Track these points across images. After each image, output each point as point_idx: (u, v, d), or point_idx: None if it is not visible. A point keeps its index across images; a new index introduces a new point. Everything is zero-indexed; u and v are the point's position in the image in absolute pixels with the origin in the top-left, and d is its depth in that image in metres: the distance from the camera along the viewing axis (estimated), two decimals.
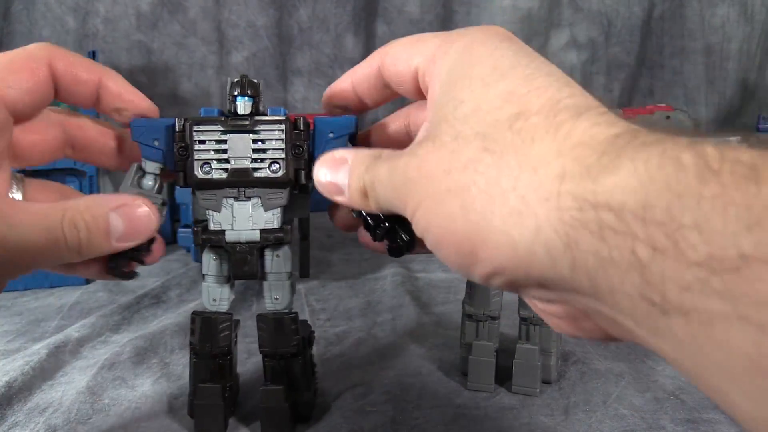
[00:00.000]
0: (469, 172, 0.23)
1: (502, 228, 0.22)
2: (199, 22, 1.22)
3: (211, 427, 0.38)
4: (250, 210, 0.34)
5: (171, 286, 0.70)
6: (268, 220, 0.34)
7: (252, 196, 0.34)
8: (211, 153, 0.33)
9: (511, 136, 0.23)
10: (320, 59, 1.29)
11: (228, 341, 0.38)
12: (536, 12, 1.34)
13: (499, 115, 0.24)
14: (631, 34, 1.34)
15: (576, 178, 0.20)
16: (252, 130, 0.33)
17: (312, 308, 0.64)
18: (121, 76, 0.35)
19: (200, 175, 0.33)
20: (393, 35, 1.31)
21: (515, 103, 0.24)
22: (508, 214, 0.22)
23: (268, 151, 0.33)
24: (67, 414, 0.42)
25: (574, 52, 1.36)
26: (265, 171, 0.33)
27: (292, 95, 1.29)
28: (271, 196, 0.34)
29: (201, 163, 0.33)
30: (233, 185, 0.34)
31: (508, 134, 0.23)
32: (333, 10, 1.27)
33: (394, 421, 0.40)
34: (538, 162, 0.22)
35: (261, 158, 0.33)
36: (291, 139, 0.33)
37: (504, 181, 0.22)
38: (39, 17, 1.15)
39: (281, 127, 0.33)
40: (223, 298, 0.37)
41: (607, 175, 0.19)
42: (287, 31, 1.27)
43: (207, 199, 0.34)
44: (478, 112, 0.24)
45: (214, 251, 0.37)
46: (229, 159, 0.33)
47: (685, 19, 1.32)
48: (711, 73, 1.33)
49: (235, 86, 0.34)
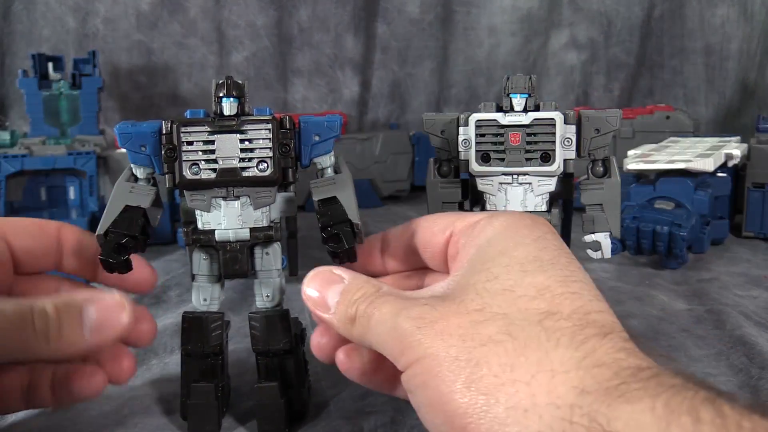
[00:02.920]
0: (486, 350, 0.23)
1: (502, 419, 0.21)
2: (199, 22, 1.22)
3: (204, 426, 0.38)
4: (239, 209, 0.34)
5: (171, 286, 0.70)
6: (257, 218, 0.35)
7: (241, 195, 0.34)
8: (199, 154, 0.33)
9: (537, 332, 0.23)
10: (320, 59, 1.29)
11: (219, 340, 0.38)
12: (536, 12, 1.33)
13: (530, 305, 0.24)
14: (631, 34, 1.34)
15: (592, 396, 0.20)
16: (239, 130, 0.33)
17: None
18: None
19: (189, 175, 0.33)
20: (393, 35, 1.32)
21: (548, 300, 0.24)
22: (513, 407, 0.21)
23: (256, 150, 0.33)
24: (66, 411, 0.42)
25: (574, 52, 1.36)
26: (253, 170, 0.33)
27: (292, 95, 1.29)
28: (259, 195, 0.34)
29: (189, 164, 0.33)
30: (222, 185, 0.34)
31: (535, 328, 0.23)
32: (333, 10, 1.27)
33: (393, 421, 0.40)
34: (558, 366, 0.22)
35: (249, 157, 0.33)
36: (278, 138, 0.34)
37: (519, 373, 0.22)
38: (39, 17, 1.15)
39: (268, 126, 0.33)
40: (214, 298, 0.38)
41: (625, 405, 0.19)
42: (287, 31, 1.27)
43: (196, 200, 0.34)
44: (510, 294, 0.24)
45: (204, 251, 0.37)
46: (217, 159, 0.33)
47: (685, 19, 1.32)
48: (711, 73, 1.33)
49: (220, 88, 0.34)
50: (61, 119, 0.88)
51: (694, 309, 0.58)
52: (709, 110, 1.33)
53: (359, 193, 0.36)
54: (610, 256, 0.42)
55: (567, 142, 0.39)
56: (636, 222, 0.68)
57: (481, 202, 0.42)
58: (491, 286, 0.25)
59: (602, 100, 1.37)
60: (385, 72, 1.33)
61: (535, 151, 0.39)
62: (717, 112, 1.33)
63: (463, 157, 0.41)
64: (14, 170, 0.76)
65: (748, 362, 0.46)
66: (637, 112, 1.06)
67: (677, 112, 1.06)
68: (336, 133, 0.35)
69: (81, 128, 0.88)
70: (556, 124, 0.39)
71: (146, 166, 0.35)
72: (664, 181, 0.74)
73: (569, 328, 0.23)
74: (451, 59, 1.35)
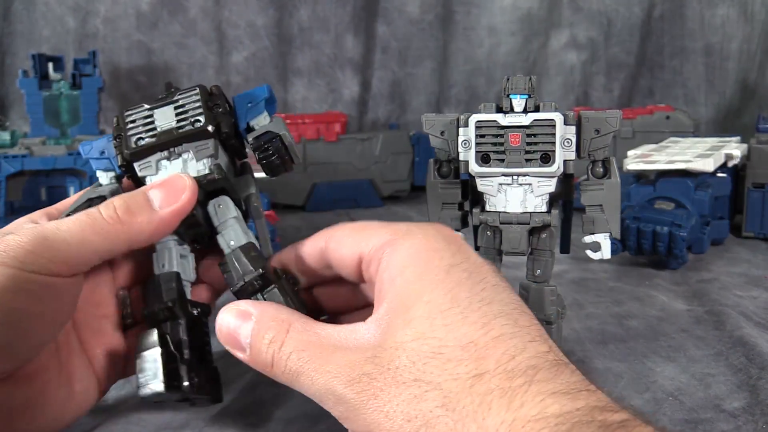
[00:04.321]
0: (427, 429, 0.24)
1: None
2: (199, 22, 1.22)
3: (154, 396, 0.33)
4: (181, 165, 0.37)
5: None
6: (200, 169, 0.36)
7: (183, 152, 0.37)
8: (140, 128, 0.36)
9: (470, 400, 0.24)
10: (320, 59, 1.29)
11: (173, 296, 0.35)
12: (536, 12, 1.33)
13: (460, 371, 0.25)
14: (631, 34, 1.34)
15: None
16: (172, 101, 0.37)
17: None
18: None
19: (133, 145, 0.36)
20: (393, 35, 1.32)
21: (475, 359, 0.25)
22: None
23: (189, 111, 0.36)
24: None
25: (574, 52, 1.36)
26: (189, 127, 0.36)
27: (292, 95, 1.29)
28: (200, 148, 0.36)
29: (134, 138, 0.36)
30: (163, 147, 0.36)
31: (468, 398, 0.24)
32: (333, 10, 1.27)
33: None
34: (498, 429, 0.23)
35: (183, 118, 0.36)
36: (207, 101, 0.37)
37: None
38: (39, 17, 1.16)
39: (196, 92, 0.37)
40: (172, 260, 0.37)
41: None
42: (287, 31, 1.27)
43: (144, 167, 0.37)
44: (439, 358, 0.25)
45: None
46: (156, 128, 0.36)
47: (685, 19, 1.32)
48: (711, 73, 1.33)
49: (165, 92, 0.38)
50: (61, 119, 0.88)
51: (694, 309, 0.58)
52: (709, 110, 1.33)
53: (360, 193, 0.37)
54: (609, 257, 0.42)
55: (567, 142, 0.39)
56: (636, 222, 0.68)
57: (481, 203, 0.42)
58: (419, 347, 0.26)
59: (602, 100, 1.37)
60: (385, 72, 1.33)
61: (535, 151, 0.39)
62: (717, 112, 1.33)
63: (463, 158, 0.41)
64: (14, 170, 0.76)
65: (747, 362, 0.46)
66: (637, 112, 1.06)
67: (677, 112, 1.06)
68: (265, 95, 0.38)
69: (81, 128, 0.88)
70: (556, 125, 0.39)
71: (108, 170, 0.38)
72: (664, 181, 0.74)
73: (497, 388, 0.24)
74: (451, 59, 1.35)
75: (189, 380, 0.34)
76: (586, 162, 0.42)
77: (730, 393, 0.43)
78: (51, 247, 0.30)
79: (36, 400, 0.32)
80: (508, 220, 0.41)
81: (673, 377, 0.46)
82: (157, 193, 0.34)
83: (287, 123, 0.40)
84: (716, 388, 0.43)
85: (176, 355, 0.34)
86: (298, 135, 1.05)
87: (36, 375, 0.32)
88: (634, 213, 0.70)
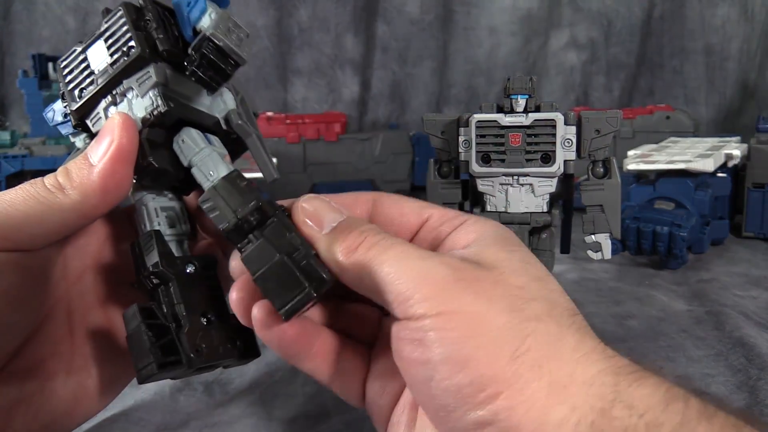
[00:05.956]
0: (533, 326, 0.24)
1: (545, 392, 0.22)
2: None
3: (140, 363, 0.28)
4: (127, 107, 0.32)
5: None
6: (147, 105, 0.31)
7: (125, 91, 0.32)
8: (78, 76, 0.32)
9: (570, 321, 0.25)
10: (320, 59, 1.29)
11: (154, 259, 0.30)
12: (536, 12, 1.34)
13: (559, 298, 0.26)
14: (631, 34, 1.34)
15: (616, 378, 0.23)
16: (100, 33, 0.32)
17: None
18: None
19: (76, 100, 0.32)
20: (393, 35, 1.32)
21: (566, 300, 0.26)
22: (555, 382, 0.23)
23: (120, 39, 0.31)
24: None
25: (574, 52, 1.36)
26: (123, 59, 0.31)
27: (292, 95, 1.29)
28: (141, 80, 0.31)
29: (75, 91, 0.32)
30: (105, 91, 0.32)
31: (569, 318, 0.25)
32: (333, 10, 1.27)
33: None
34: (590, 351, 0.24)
35: (116, 50, 0.32)
36: (136, 20, 0.32)
37: (561, 353, 0.23)
38: (39, 17, 1.16)
39: (120, 13, 0.32)
40: (151, 217, 0.32)
41: (639, 388, 0.24)
42: (287, 31, 1.27)
43: (96, 121, 0.32)
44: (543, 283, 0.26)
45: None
46: (93, 71, 0.32)
47: (685, 19, 1.32)
48: (711, 73, 1.33)
49: None
50: None
51: (694, 309, 0.58)
52: (709, 110, 1.34)
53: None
54: (610, 257, 0.42)
55: (567, 142, 0.39)
56: (636, 222, 0.68)
57: (481, 203, 0.42)
58: (524, 270, 0.26)
59: (602, 101, 1.37)
60: (385, 72, 1.33)
61: (535, 152, 0.39)
62: (717, 112, 1.33)
63: (464, 158, 0.41)
64: (14, 170, 0.76)
65: (747, 363, 0.46)
66: (637, 112, 1.06)
67: (677, 112, 1.06)
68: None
69: None
70: (557, 125, 0.39)
71: (78, 132, 0.34)
72: (664, 181, 0.74)
73: (585, 326, 0.25)
74: (451, 59, 1.35)
75: (195, 349, 0.28)
76: (587, 162, 0.42)
77: (729, 393, 0.43)
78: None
79: (36, 396, 0.29)
80: (508, 220, 0.41)
81: (672, 377, 0.46)
82: (93, 147, 0.29)
83: (287, 123, 0.38)
84: (716, 389, 0.43)
85: (168, 326, 0.29)
86: (298, 135, 1.05)
87: (35, 368, 0.29)
88: (634, 213, 0.70)
